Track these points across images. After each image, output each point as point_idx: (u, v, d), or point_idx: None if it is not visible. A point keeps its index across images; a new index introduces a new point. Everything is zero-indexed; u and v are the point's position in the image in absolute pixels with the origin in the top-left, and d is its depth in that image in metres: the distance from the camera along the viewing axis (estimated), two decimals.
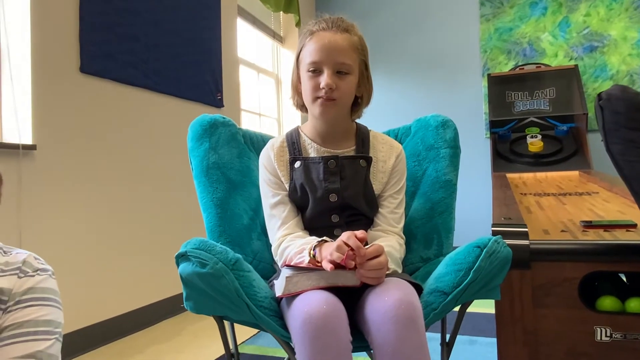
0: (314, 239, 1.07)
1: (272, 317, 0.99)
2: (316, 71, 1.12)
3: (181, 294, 2.67)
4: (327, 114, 1.14)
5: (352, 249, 0.92)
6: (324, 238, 1.05)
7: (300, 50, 1.17)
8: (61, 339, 0.85)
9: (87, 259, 2.21)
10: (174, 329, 2.49)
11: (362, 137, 1.25)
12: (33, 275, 0.84)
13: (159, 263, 2.64)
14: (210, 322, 2.58)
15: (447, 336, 1.15)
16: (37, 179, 1.98)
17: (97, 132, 2.28)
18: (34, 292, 0.82)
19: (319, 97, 1.12)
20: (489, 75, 4.01)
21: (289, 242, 1.13)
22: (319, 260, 0.99)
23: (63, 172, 2.10)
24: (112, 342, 2.28)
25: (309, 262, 1.01)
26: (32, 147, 1.95)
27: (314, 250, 1.02)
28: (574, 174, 3.25)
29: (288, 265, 1.02)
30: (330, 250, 0.95)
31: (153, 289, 2.61)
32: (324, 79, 1.10)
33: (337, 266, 0.93)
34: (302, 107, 1.24)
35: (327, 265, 0.92)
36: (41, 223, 1.99)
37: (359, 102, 1.22)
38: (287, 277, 0.97)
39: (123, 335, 2.36)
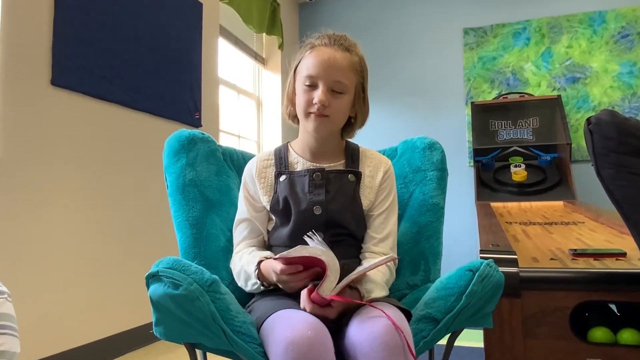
0: (254, 264, 1.09)
1: (250, 344, 0.92)
2: (311, 85, 1.10)
3: (150, 323, 2.53)
4: (319, 130, 1.12)
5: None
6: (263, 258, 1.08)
7: (299, 62, 1.16)
8: None
9: (49, 282, 2.07)
10: None
11: (352, 152, 1.22)
12: None
13: (127, 289, 2.51)
14: (180, 353, 2.45)
15: None
16: None
17: (67, 147, 2.18)
18: None
19: (311, 113, 1.10)
20: (472, 103, 4.04)
21: (238, 261, 1.16)
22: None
23: (28, 187, 1.99)
24: None
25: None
26: None
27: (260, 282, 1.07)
28: (559, 204, 3.24)
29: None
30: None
31: (119, 317, 2.46)
32: (318, 95, 1.08)
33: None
34: (294, 118, 1.21)
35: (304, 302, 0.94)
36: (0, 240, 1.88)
37: (352, 122, 1.20)
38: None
39: None
